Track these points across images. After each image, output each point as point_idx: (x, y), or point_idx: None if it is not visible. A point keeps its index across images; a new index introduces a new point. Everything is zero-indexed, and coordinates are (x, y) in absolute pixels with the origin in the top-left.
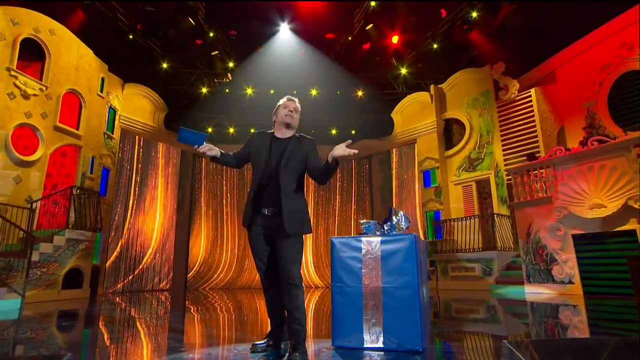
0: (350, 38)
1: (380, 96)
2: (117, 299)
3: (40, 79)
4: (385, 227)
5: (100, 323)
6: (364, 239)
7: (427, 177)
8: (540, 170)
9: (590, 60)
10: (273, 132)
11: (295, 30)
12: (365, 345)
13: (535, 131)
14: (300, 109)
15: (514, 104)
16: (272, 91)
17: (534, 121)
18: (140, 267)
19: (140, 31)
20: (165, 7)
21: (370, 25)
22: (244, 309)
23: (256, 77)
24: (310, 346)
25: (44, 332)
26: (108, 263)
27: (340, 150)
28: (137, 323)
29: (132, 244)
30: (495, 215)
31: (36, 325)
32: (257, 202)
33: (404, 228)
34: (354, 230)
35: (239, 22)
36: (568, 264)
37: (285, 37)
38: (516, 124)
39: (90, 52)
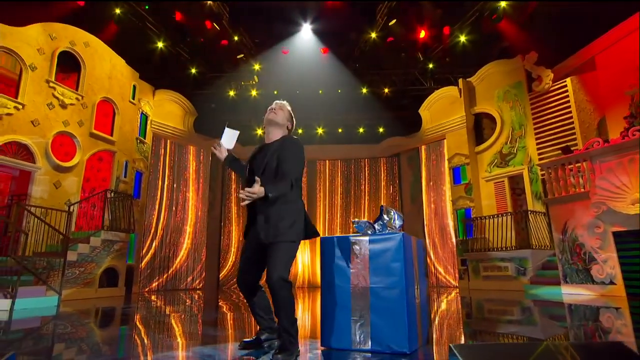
0: (374, 35)
1: (408, 92)
2: (152, 297)
3: (77, 89)
4: (377, 226)
5: (136, 318)
6: (352, 238)
7: (456, 174)
8: (577, 164)
9: (634, 44)
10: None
11: (317, 30)
12: (353, 347)
13: (572, 123)
14: (286, 107)
15: (548, 95)
16: (297, 91)
17: (570, 112)
18: (173, 266)
19: (169, 39)
20: (191, 14)
21: (394, 21)
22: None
23: (281, 78)
24: (300, 346)
25: (83, 328)
26: (143, 263)
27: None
28: (167, 318)
29: (166, 244)
30: (529, 212)
31: (75, 322)
32: (250, 214)
33: (397, 226)
34: None
35: (262, 24)
36: (608, 264)
37: (307, 36)
38: (551, 115)
39: (122, 61)
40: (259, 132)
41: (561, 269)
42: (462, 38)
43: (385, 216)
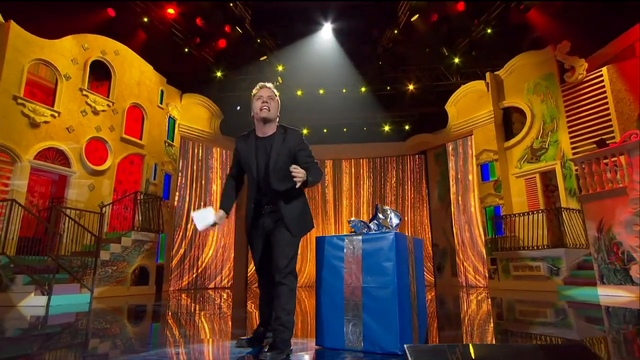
0: (396, 31)
1: (433, 89)
2: (182, 295)
3: (108, 96)
4: (372, 225)
5: (167, 314)
6: (346, 237)
7: (485, 171)
8: (613, 158)
9: None
10: (254, 131)
11: (338, 29)
12: (346, 347)
13: (609, 114)
14: (277, 95)
15: (582, 86)
16: (321, 91)
17: (606, 103)
18: (202, 265)
19: (195, 44)
20: (215, 19)
21: (416, 16)
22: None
23: (304, 78)
24: (294, 345)
25: (114, 324)
26: (173, 262)
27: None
28: (185, 316)
29: (195, 244)
30: (563, 210)
31: (108, 318)
32: (257, 210)
33: (394, 225)
34: (410, 229)
35: (284, 25)
36: None
37: (328, 36)
38: (585, 107)
39: (150, 67)
40: None
41: (597, 269)
42: (489, 30)
43: (380, 215)
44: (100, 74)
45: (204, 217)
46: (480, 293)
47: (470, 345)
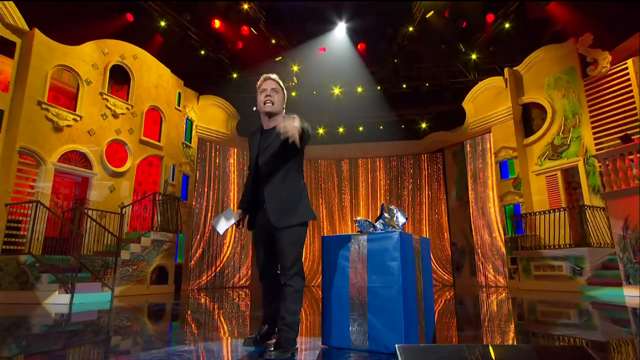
0: (411, 29)
1: (450, 86)
2: (201, 294)
3: (127, 99)
4: (378, 225)
5: (182, 313)
6: (352, 237)
7: (504, 168)
8: (638, 154)
9: None
10: (262, 125)
11: (353, 27)
12: (352, 346)
13: (634, 109)
14: (281, 86)
15: (605, 80)
16: (336, 90)
17: (632, 97)
18: (221, 265)
19: (210, 46)
20: (230, 20)
21: (431, 13)
22: (307, 305)
23: (319, 77)
24: (301, 344)
25: (135, 321)
26: (192, 262)
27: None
28: (197, 315)
29: (213, 244)
30: (586, 208)
31: (129, 315)
32: (255, 204)
33: (400, 224)
34: (428, 228)
35: (298, 25)
36: None
37: (342, 34)
38: (609, 102)
39: (168, 70)
40: None
41: (623, 268)
42: (507, 25)
43: (386, 214)
44: (119, 78)
45: (223, 220)
46: (500, 293)
47: (463, 345)
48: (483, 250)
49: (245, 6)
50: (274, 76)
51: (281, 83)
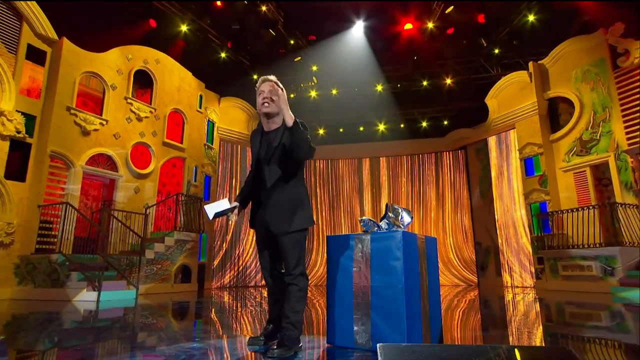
0: (431, 25)
1: (472, 82)
2: (223, 292)
3: (150, 103)
4: (383, 224)
5: (201, 311)
6: (355, 236)
7: (529, 165)
8: None
9: None
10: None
11: (371, 25)
12: (356, 345)
13: None
14: (279, 88)
15: (638, 71)
16: (356, 89)
17: None
18: (243, 264)
19: (230, 48)
20: (248, 23)
21: (451, 8)
22: (317, 305)
23: (338, 76)
24: (307, 342)
25: (160, 318)
26: (215, 261)
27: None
28: (214, 313)
29: (236, 244)
30: (618, 205)
31: (154, 312)
32: (255, 202)
33: (405, 224)
34: (450, 227)
35: (316, 25)
36: None
37: (360, 33)
38: None
39: (189, 74)
40: (321, 131)
41: None
42: (531, 17)
43: (390, 214)
44: (143, 82)
45: (215, 206)
46: (526, 293)
47: (447, 345)
48: (508, 250)
49: (264, 8)
50: (272, 77)
51: (279, 84)
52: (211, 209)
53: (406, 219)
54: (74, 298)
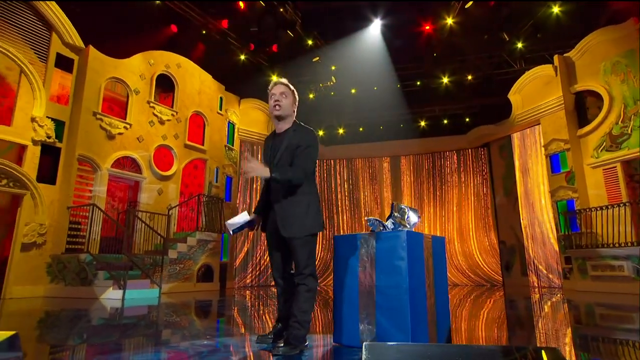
0: (450, 20)
1: (494, 77)
2: (244, 292)
3: (172, 106)
4: (388, 224)
5: (220, 310)
6: (361, 236)
7: (555, 162)
8: None
9: None
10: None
11: (389, 23)
12: (361, 344)
13: None
14: (291, 90)
15: None
16: (375, 88)
17: None
18: (265, 263)
19: (250, 51)
20: (267, 25)
21: (470, 3)
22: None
23: (358, 76)
24: (314, 341)
25: (183, 316)
26: (237, 261)
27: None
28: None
29: (257, 244)
30: None
31: (176, 310)
32: (266, 207)
33: (412, 223)
34: (474, 226)
35: (334, 25)
36: None
37: (377, 31)
38: None
39: (209, 76)
40: (341, 131)
41: None
42: (556, 9)
43: (396, 213)
44: (165, 86)
45: (237, 221)
46: (554, 294)
47: (433, 345)
48: (534, 249)
49: (281, 9)
50: (283, 80)
51: (291, 87)
52: (232, 225)
53: (413, 218)
54: (101, 296)
